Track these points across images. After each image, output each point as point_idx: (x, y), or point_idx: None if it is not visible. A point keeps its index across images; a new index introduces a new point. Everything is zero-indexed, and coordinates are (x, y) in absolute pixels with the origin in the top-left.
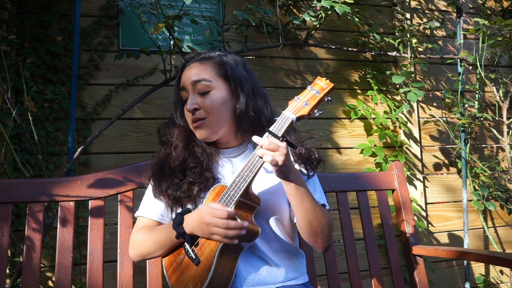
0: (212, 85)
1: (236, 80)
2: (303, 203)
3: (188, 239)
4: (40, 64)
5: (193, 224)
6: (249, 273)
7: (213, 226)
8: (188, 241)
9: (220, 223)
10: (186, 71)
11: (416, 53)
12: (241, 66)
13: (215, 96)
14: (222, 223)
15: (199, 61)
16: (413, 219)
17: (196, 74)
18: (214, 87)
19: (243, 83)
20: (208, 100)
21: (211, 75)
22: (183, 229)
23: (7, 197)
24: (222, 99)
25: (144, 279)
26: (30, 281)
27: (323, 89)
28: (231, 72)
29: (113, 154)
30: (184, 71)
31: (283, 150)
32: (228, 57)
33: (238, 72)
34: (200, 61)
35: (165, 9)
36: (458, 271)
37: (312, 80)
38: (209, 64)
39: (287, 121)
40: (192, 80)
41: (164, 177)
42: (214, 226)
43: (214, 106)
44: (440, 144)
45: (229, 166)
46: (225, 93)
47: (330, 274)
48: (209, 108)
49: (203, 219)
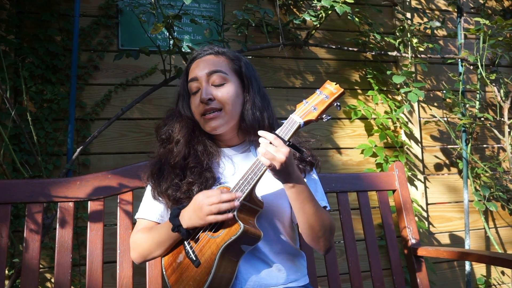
0: (228, 78)
1: (248, 77)
2: (304, 207)
3: (183, 232)
4: (39, 64)
5: (189, 212)
6: (250, 274)
7: (207, 205)
8: (183, 234)
9: (214, 198)
10: (200, 62)
11: (416, 53)
12: (249, 65)
13: (230, 89)
14: (215, 198)
15: (213, 54)
16: (414, 219)
17: (213, 65)
18: (229, 80)
19: (253, 81)
20: (224, 91)
21: (227, 69)
22: (178, 221)
23: (6, 197)
24: (236, 93)
25: (143, 280)
26: (29, 282)
27: (333, 94)
28: (245, 69)
29: (113, 154)
30: (197, 62)
31: (281, 156)
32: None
33: (249, 70)
34: (215, 54)
35: (165, 9)
36: (459, 272)
37: (312, 80)
38: (223, 57)
39: (295, 125)
40: (208, 70)
41: (164, 176)
42: (207, 205)
43: (230, 97)
44: (441, 144)
45: (230, 166)
46: (238, 88)
47: (330, 275)
48: (225, 99)
49: (197, 203)
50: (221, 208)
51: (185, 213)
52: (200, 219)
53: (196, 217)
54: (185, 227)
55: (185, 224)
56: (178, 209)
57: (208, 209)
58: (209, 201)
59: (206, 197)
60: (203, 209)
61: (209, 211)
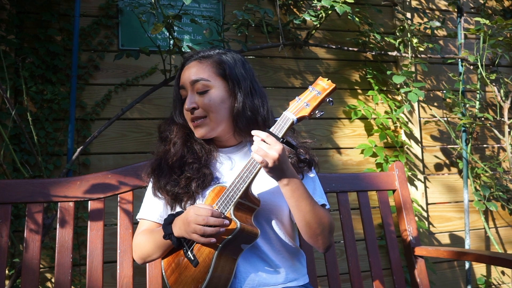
0: (211, 84)
1: (234, 79)
2: (300, 205)
3: (174, 241)
4: (40, 64)
5: (180, 224)
6: (249, 273)
7: (193, 223)
8: (174, 243)
9: (200, 219)
10: (185, 70)
11: (416, 53)
12: (240, 64)
13: (213, 95)
14: (202, 219)
15: (197, 59)
16: (414, 219)
17: (195, 74)
18: (213, 86)
19: (241, 82)
20: (206, 99)
21: (209, 74)
22: (170, 229)
23: (6, 197)
24: (221, 98)
25: (144, 280)
26: (30, 282)
27: (325, 90)
28: (229, 71)
29: (113, 154)
30: (184, 70)
31: (274, 153)
32: (227, 55)
33: (237, 71)
34: (199, 59)
35: (165, 8)
36: (459, 272)
37: (312, 80)
38: (207, 63)
39: (288, 121)
40: (190, 79)
41: (163, 173)
42: (194, 223)
43: (213, 104)
44: (441, 144)
45: (228, 162)
46: (224, 92)
47: (330, 274)
48: (208, 107)
49: (186, 217)
50: (206, 232)
51: (177, 222)
52: (186, 233)
53: (184, 230)
54: (176, 236)
55: (176, 233)
56: (172, 216)
57: (193, 227)
58: (196, 220)
59: (195, 215)
60: (190, 225)
61: (193, 229)
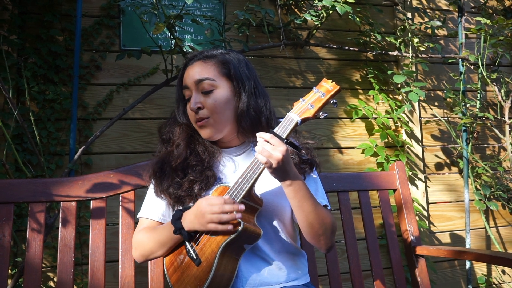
0: (216, 84)
1: (238, 79)
2: (302, 205)
3: (185, 235)
4: (42, 64)
5: (191, 217)
6: (251, 273)
7: (209, 213)
8: (185, 237)
9: (216, 208)
10: (189, 70)
11: (417, 52)
12: (244, 64)
13: (218, 95)
14: (217, 208)
15: (202, 59)
16: (415, 219)
17: (199, 73)
18: (218, 86)
19: (245, 82)
20: (211, 99)
21: (214, 74)
22: (180, 223)
23: (8, 197)
24: (226, 98)
25: (145, 279)
26: (32, 281)
27: (329, 92)
28: (234, 71)
29: (115, 154)
30: (187, 70)
31: (278, 153)
32: (230, 55)
33: (241, 71)
34: (203, 59)
35: (166, 9)
36: (460, 271)
37: (313, 79)
38: (212, 62)
39: (292, 123)
40: (195, 79)
41: (165, 175)
42: (210, 213)
43: (218, 105)
44: (441, 143)
45: (231, 165)
46: (228, 92)
47: (331, 274)
48: (213, 107)
49: (199, 209)
50: (222, 219)
51: (187, 216)
52: (201, 225)
53: (197, 223)
54: (186, 230)
55: (186, 227)
56: (181, 211)
57: (209, 217)
58: (211, 210)
59: (209, 205)
60: (204, 217)
61: (210, 219)
